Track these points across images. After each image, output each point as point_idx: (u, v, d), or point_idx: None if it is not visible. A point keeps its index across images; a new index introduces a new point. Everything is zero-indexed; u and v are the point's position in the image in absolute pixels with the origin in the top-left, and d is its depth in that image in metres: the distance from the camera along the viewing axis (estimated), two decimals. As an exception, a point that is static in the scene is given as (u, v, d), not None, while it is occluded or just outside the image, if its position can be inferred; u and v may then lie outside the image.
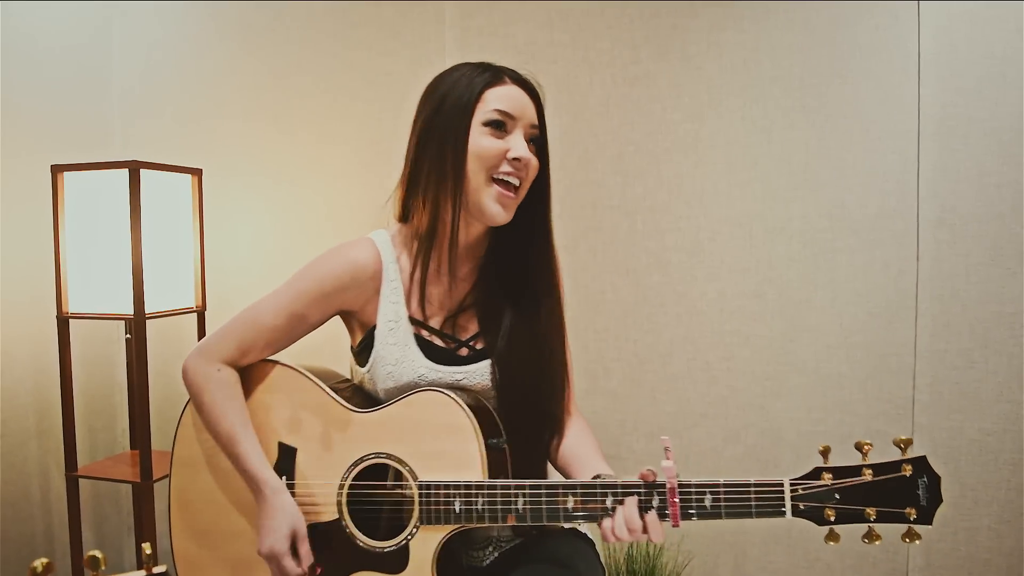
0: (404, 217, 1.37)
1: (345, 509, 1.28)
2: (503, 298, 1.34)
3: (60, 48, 2.27)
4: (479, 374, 1.31)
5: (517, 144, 1.25)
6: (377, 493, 1.29)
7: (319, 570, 1.28)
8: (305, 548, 1.26)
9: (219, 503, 1.37)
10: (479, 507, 1.19)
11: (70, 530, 2.12)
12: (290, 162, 2.38)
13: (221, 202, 2.32)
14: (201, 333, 2.19)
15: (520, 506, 1.17)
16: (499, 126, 1.25)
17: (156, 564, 0.89)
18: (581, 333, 2.27)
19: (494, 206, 1.26)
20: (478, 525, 1.21)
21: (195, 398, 1.35)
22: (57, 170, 2.02)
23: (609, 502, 1.14)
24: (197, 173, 2.17)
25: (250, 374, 1.37)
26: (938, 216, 2.01)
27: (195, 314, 2.18)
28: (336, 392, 1.32)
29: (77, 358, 2.14)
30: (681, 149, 2.21)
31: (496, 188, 1.25)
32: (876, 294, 2.07)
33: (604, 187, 2.28)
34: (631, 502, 1.12)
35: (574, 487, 1.17)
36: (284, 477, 1.31)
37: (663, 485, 1.12)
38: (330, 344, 1.52)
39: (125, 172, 1.95)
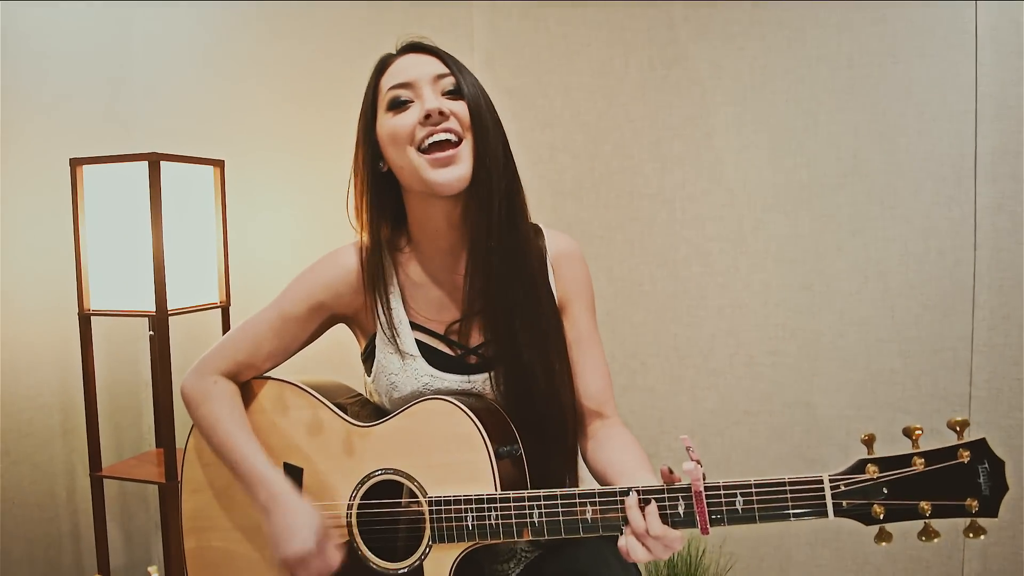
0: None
1: (356, 530, 1.21)
2: (507, 298, 1.21)
3: (78, 40, 2.21)
4: (489, 381, 1.24)
5: (426, 101, 1.17)
6: (387, 512, 1.21)
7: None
8: (331, 543, 1.18)
9: (228, 529, 1.32)
10: (492, 522, 1.11)
11: (95, 530, 2.07)
12: (314, 153, 2.30)
13: (244, 194, 2.26)
14: (225, 328, 2.13)
15: (536, 519, 1.09)
16: (401, 103, 1.19)
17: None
18: (618, 327, 2.19)
19: (433, 173, 1.16)
20: (493, 541, 1.12)
21: (193, 413, 1.29)
22: (76, 163, 1.96)
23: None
24: (219, 165, 2.10)
25: (250, 392, 1.32)
26: (997, 202, 1.90)
27: (219, 309, 2.12)
28: (340, 407, 1.26)
29: (100, 356, 2.08)
30: (722, 134, 2.11)
31: (426, 156, 1.16)
32: (931, 285, 1.96)
33: (641, 175, 2.18)
34: (647, 509, 1.02)
35: (591, 495, 1.07)
36: None
37: (687, 488, 1.01)
38: (337, 352, 1.46)
39: (145, 164, 1.89)
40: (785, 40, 2.04)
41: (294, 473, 1.27)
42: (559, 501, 1.08)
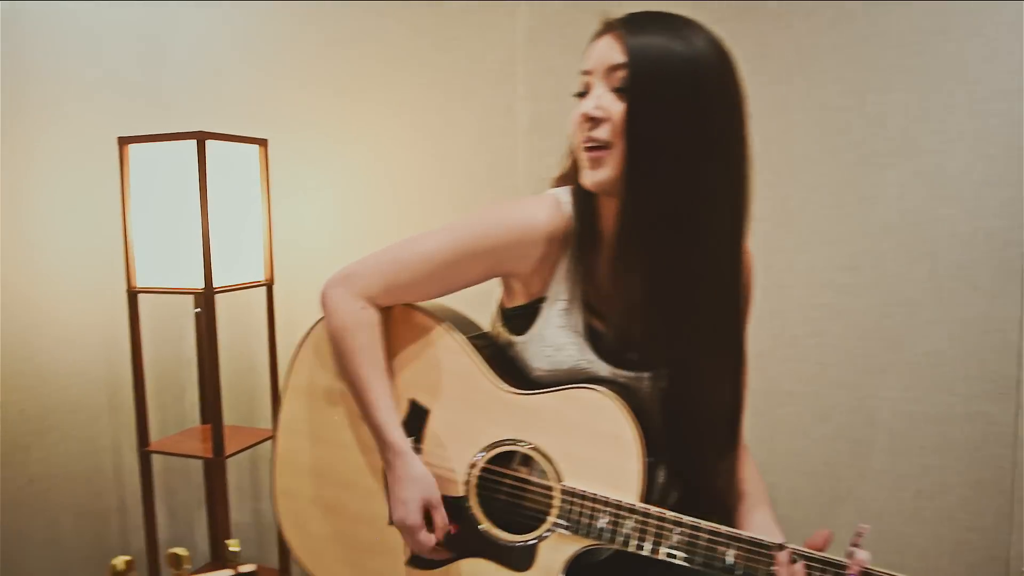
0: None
1: (473, 491, 1.20)
2: (669, 303, 1.13)
3: (123, 20, 2.22)
4: (649, 381, 1.18)
5: (586, 100, 1.10)
6: (514, 484, 1.19)
7: (453, 530, 1.20)
8: (440, 516, 1.18)
9: (329, 441, 1.32)
10: (627, 531, 1.08)
11: (144, 504, 2.11)
12: (357, 131, 2.31)
13: (286, 173, 2.27)
14: (270, 306, 2.15)
15: (673, 543, 1.06)
16: (583, 93, 1.12)
17: (239, 560, 0.84)
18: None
19: (584, 168, 1.12)
20: (619, 548, 1.09)
21: (334, 333, 1.24)
22: (123, 142, 1.98)
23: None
24: (263, 143, 2.12)
25: (394, 318, 1.28)
26: (1048, 183, 1.87)
27: (264, 287, 2.14)
28: (483, 360, 1.21)
29: (145, 333, 2.11)
30: (767, 113, 2.09)
31: (585, 153, 1.12)
32: (979, 266, 1.93)
33: (684, 154, 2.16)
34: (795, 567, 0.99)
35: (739, 540, 1.03)
36: (412, 438, 1.22)
37: (843, 566, 0.98)
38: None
39: (192, 143, 1.90)
40: (833, 18, 2.01)
41: (419, 413, 1.25)
42: (705, 534, 1.05)
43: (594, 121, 1.09)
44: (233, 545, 0.82)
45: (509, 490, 1.20)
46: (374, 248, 1.27)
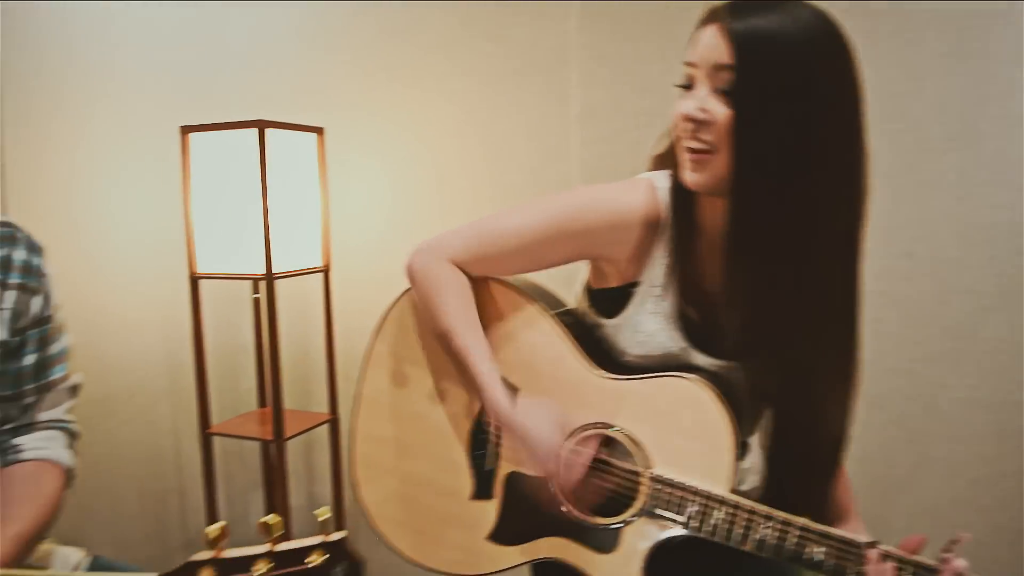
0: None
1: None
2: (793, 298, 1.07)
3: (183, 13, 2.26)
4: (742, 373, 1.15)
5: (686, 101, 1.04)
6: (602, 467, 1.19)
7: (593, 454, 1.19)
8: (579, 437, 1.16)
9: (411, 415, 1.34)
10: (715, 522, 1.08)
11: (205, 486, 2.16)
12: (410, 119, 2.32)
13: (342, 160, 2.29)
14: (327, 292, 2.18)
15: (761, 536, 1.04)
16: (687, 85, 1.05)
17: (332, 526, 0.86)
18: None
19: (686, 171, 1.08)
20: (704, 537, 1.09)
21: (425, 295, 1.24)
22: (185, 131, 2.02)
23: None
24: (320, 132, 2.15)
25: (486, 293, 1.27)
26: (1113, 168, 1.84)
27: (320, 273, 2.17)
28: (574, 342, 1.21)
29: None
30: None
31: (687, 154, 1.07)
32: (1040, 253, 1.92)
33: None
34: (886, 565, 0.97)
35: (830, 536, 1.01)
36: None
37: (934, 570, 0.96)
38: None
39: (251, 132, 1.94)
40: (891, 3, 1.99)
41: (508, 391, 1.24)
42: (796, 531, 1.03)
43: (697, 123, 1.03)
44: (322, 513, 0.84)
45: (596, 472, 1.19)
46: (427, 235, 1.27)
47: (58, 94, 2.03)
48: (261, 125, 1.93)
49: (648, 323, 1.17)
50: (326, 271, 2.17)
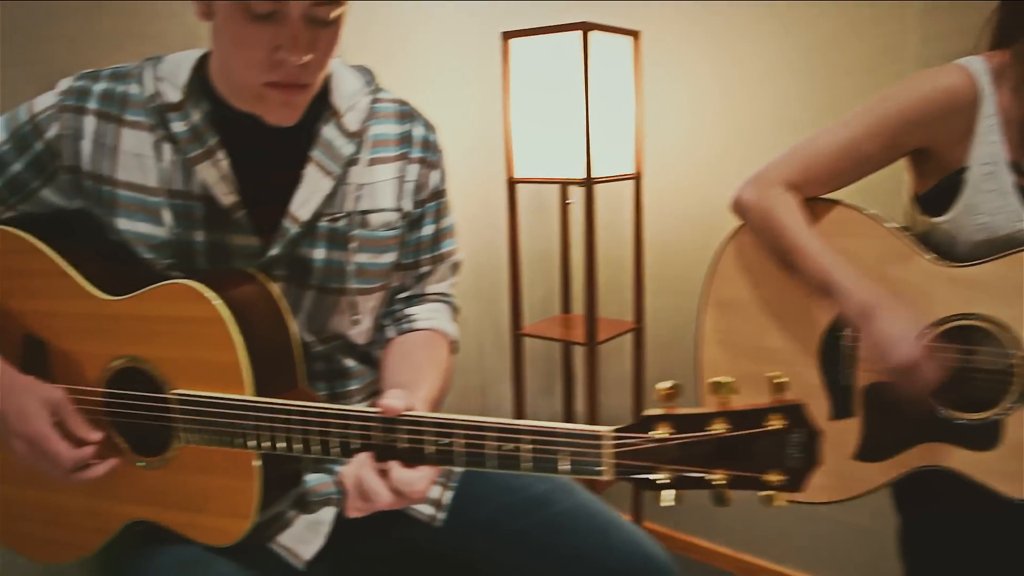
0: (1002, 42, 1.17)
1: None
2: None
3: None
4: None
5: None
6: (962, 356, 1.15)
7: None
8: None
9: (755, 352, 1.33)
10: None
11: (515, 383, 2.25)
12: (730, 24, 2.22)
13: (660, 66, 2.24)
14: (638, 198, 2.16)
15: None
16: None
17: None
18: None
19: None
20: None
21: (757, 218, 1.28)
22: (507, 36, 2.05)
23: None
24: (636, 35, 2.11)
25: (816, 213, 1.28)
26: None
27: (632, 180, 2.16)
28: (916, 242, 1.20)
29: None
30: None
31: None
32: None
33: None
34: None
35: None
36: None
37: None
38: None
39: (573, 35, 1.93)
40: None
41: None
42: None
43: None
44: (779, 376, 0.82)
45: (961, 367, 1.15)
46: (740, 145, 1.27)
47: (385, 4, 2.13)
48: (585, 27, 1.92)
49: (988, 202, 1.16)
50: (637, 178, 2.15)
